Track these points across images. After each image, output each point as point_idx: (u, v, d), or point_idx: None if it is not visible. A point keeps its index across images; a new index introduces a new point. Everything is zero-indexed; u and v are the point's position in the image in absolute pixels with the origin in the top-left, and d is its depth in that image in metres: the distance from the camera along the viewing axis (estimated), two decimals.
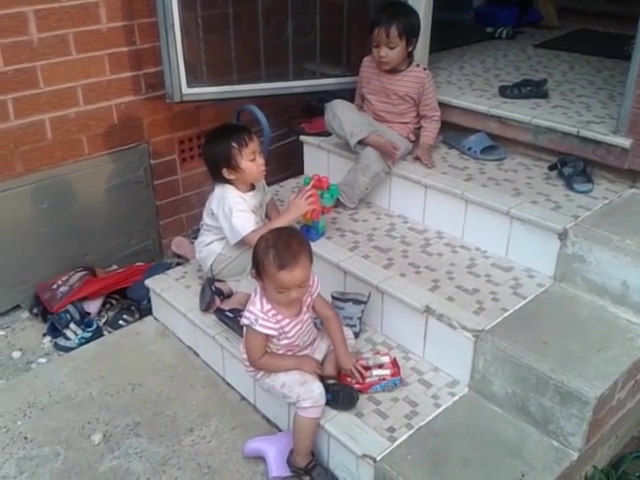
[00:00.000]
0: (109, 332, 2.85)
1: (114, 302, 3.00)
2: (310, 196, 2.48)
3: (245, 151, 2.41)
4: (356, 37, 3.05)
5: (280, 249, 1.91)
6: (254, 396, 2.39)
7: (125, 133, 3.03)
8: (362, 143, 2.74)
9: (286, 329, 2.03)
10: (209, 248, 2.57)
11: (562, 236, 2.28)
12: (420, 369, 2.28)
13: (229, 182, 2.47)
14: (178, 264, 3.21)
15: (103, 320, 2.92)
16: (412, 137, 2.89)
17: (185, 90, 2.83)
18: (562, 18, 4.39)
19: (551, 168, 2.62)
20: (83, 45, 2.78)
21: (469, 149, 2.84)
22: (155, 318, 2.88)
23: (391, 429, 2.02)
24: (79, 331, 2.75)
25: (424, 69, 2.83)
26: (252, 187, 2.54)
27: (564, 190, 2.54)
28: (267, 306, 2.00)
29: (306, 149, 3.17)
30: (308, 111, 3.22)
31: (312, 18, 2.99)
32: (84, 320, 2.80)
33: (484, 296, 2.28)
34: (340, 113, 2.77)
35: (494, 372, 2.09)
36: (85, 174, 2.96)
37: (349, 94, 3.00)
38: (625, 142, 2.43)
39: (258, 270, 1.96)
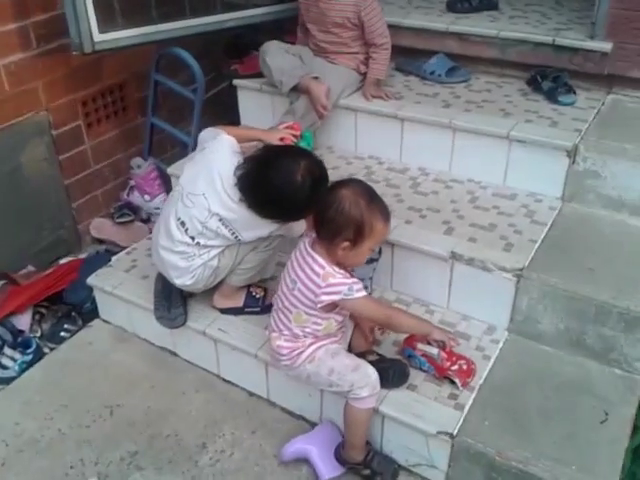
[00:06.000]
0: (51, 349, 2.31)
1: (44, 311, 2.43)
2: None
3: None
4: None
5: (378, 202, 1.68)
6: (266, 389, 2.04)
7: (18, 101, 2.41)
8: (296, 90, 2.43)
9: None
10: (207, 264, 1.95)
11: (571, 153, 2.13)
12: (450, 321, 2.05)
13: None
14: (107, 251, 2.70)
15: (37, 335, 2.36)
16: (362, 68, 2.55)
17: (97, 37, 2.26)
18: None
19: (529, 82, 2.44)
20: None
21: (431, 73, 2.58)
22: (105, 321, 2.39)
23: (453, 396, 1.79)
24: (17, 355, 2.20)
25: None
26: None
27: (549, 104, 2.38)
28: (342, 271, 1.68)
29: (241, 95, 2.72)
30: (235, 50, 2.76)
31: None
32: (18, 341, 2.24)
33: (505, 230, 2.08)
34: (269, 59, 2.48)
35: (542, 310, 1.91)
36: None
37: (288, 25, 2.60)
38: (605, 46, 2.31)
39: (362, 235, 1.62)
